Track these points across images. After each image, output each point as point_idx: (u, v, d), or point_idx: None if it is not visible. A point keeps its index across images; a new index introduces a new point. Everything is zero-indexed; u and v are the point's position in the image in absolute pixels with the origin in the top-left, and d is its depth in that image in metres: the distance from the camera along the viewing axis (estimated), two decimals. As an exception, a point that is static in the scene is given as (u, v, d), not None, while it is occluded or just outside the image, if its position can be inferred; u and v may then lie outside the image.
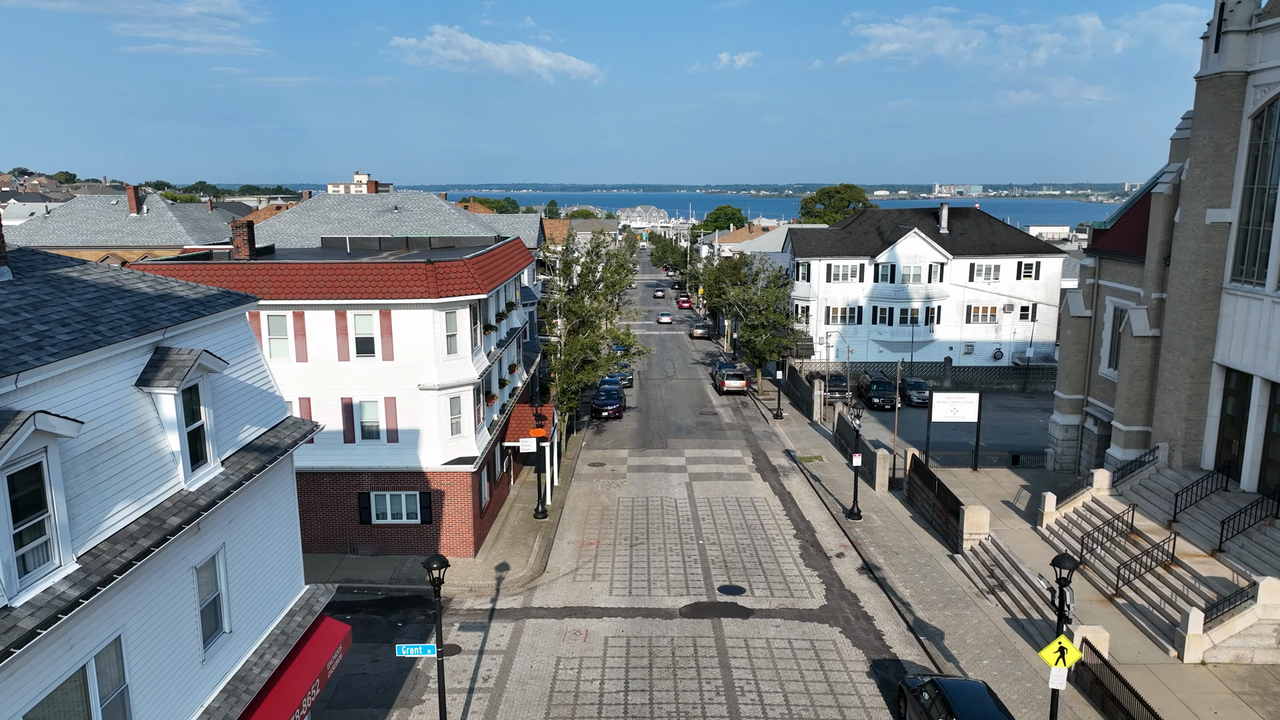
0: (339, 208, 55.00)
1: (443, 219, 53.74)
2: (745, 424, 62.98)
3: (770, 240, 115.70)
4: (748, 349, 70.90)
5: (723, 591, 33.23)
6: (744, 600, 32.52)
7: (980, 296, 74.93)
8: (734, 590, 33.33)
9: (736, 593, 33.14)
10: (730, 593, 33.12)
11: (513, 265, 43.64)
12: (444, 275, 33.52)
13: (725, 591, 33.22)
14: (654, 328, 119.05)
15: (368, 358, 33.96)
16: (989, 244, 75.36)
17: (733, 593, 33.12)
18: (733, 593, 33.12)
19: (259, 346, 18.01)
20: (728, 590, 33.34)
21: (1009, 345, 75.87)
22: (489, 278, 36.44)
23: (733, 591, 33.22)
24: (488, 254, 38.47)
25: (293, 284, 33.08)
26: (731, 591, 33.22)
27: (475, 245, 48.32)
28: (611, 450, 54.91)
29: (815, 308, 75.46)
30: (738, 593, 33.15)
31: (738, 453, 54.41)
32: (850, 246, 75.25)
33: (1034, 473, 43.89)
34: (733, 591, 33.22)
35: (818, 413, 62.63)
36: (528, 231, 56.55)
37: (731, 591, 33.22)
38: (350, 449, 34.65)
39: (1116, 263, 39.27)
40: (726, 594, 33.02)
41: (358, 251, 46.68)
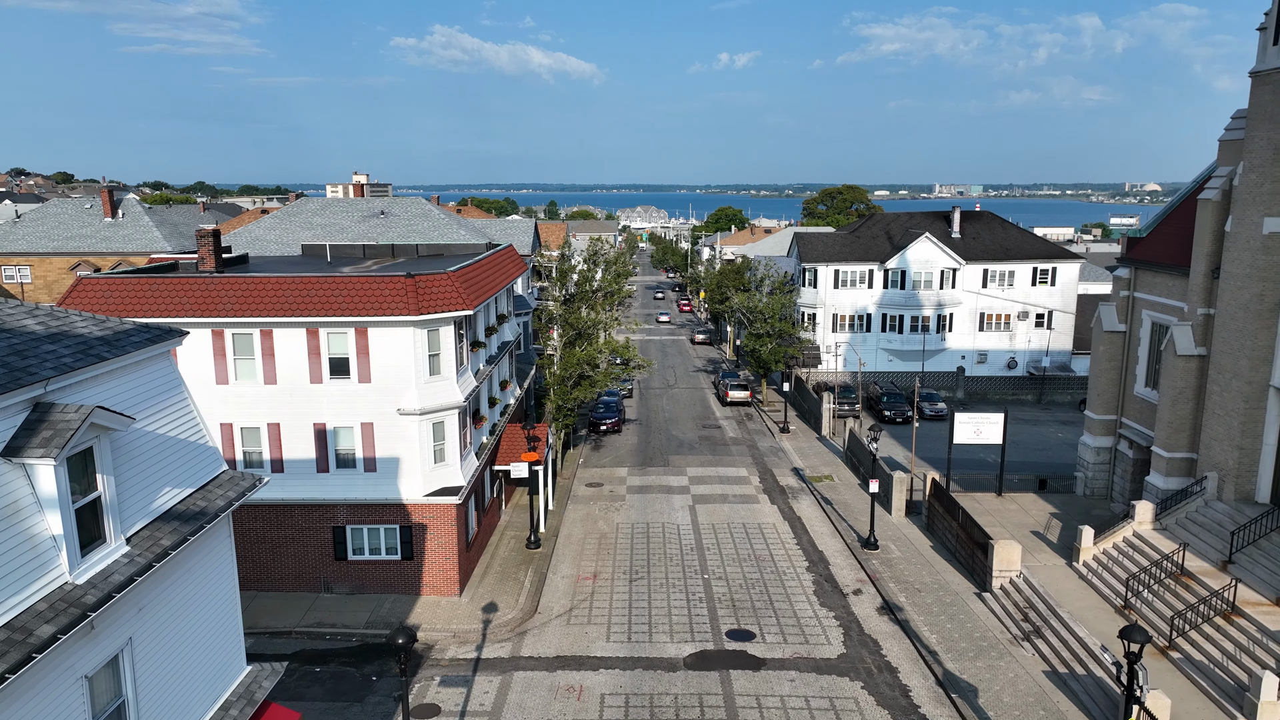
0: (322, 213, 52.10)
1: (431, 224, 50.84)
2: (750, 438, 60.07)
3: (774, 243, 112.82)
4: (752, 358, 68.00)
5: (731, 637, 30.31)
6: (754, 648, 29.59)
7: (994, 303, 72.05)
8: (743, 635, 30.40)
9: (746, 638, 30.22)
10: (739, 638, 30.20)
11: (504, 275, 40.74)
12: (425, 290, 30.60)
13: (734, 637, 30.29)
14: (654, 332, 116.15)
15: (342, 380, 31.06)
16: (1002, 249, 72.46)
17: (742, 638, 30.20)
18: (742, 638, 30.20)
19: (185, 390, 15.09)
20: (736, 635, 30.42)
21: (1023, 354, 72.97)
22: (476, 291, 33.53)
23: (742, 637, 30.29)
24: (475, 265, 35.55)
25: (260, 299, 30.17)
26: (741, 637, 30.29)
27: (465, 253, 45.47)
28: (610, 469, 51.98)
29: (822, 315, 72.56)
30: (747, 638, 30.22)
31: (743, 471, 51.48)
32: (858, 252, 72.35)
33: (1063, 498, 40.95)
34: (742, 637, 30.29)
35: (826, 427, 59.70)
36: (521, 237, 53.70)
37: (741, 637, 30.29)
38: (324, 479, 31.73)
39: (1155, 274, 36.36)
40: (735, 640, 30.10)
41: (340, 260, 43.81)
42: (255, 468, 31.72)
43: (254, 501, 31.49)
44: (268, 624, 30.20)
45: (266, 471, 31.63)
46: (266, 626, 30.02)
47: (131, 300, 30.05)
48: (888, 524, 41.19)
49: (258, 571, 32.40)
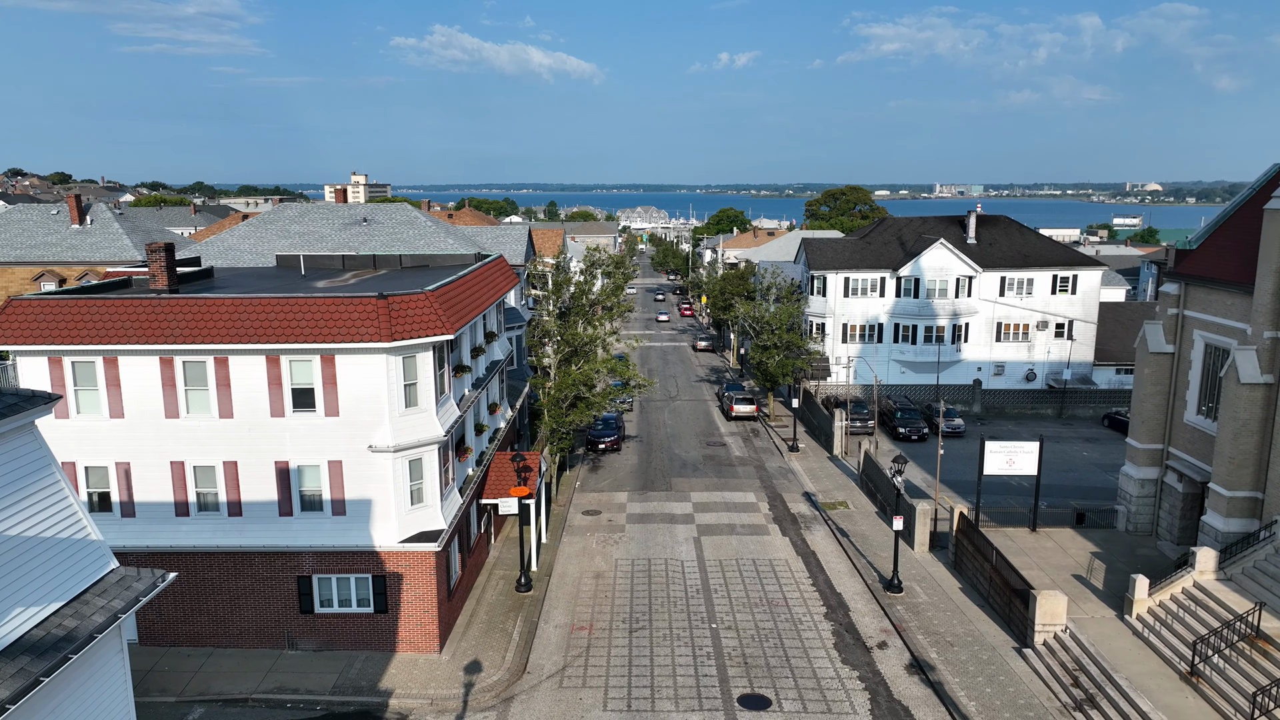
0: (301, 220, 48.70)
1: (417, 233, 47.44)
2: (758, 458, 56.68)
3: (778, 247, 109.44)
4: (758, 371, 64.62)
5: (744, 704, 26.91)
6: (771, 719, 26.20)
7: (1011, 313, 68.65)
8: (758, 702, 27.01)
9: (761, 706, 26.82)
10: (753, 705, 26.81)
11: (493, 291, 37.35)
12: (399, 312, 27.21)
13: (747, 704, 26.90)
14: (655, 338, 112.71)
15: (307, 412, 27.66)
16: (1021, 255, 69.08)
17: (756, 705, 26.81)
18: (756, 705, 26.81)
19: (55, 472, 11.68)
20: (750, 702, 27.02)
21: (1043, 366, 69.58)
22: (459, 312, 30.13)
23: (756, 704, 26.89)
24: (458, 282, 32.13)
25: (213, 323, 26.78)
26: (755, 704, 26.89)
27: (452, 264, 42.07)
28: (609, 493, 48.59)
29: (831, 325, 69.16)
30: (762, 706, 26.83)
31: (751, 497, 48.08)
32: (870, 258, 68.96)
33: (1103, 535, 37.52)
34: (756, 704, 26.89)
35: (838, 446, 56.30)
36: (514, 246, 50.32)
37: (755, 704, 26.89)
38: (287, 523, 28.34)
39: (1209, 291, 32.97)
40: (749, 708, 26.70)
41: (316, 272, 40.41)
42: (210, 510, 28.32)
43: (209, 548, 28.17)
44: (221, 689, 26.81)
45: (223, 514, 28.25)
46: (220, 693, 26.62)
47: (67, 324, 26.67)
48: (910, 560, 37.79)
49: (213, 626, 29.01)
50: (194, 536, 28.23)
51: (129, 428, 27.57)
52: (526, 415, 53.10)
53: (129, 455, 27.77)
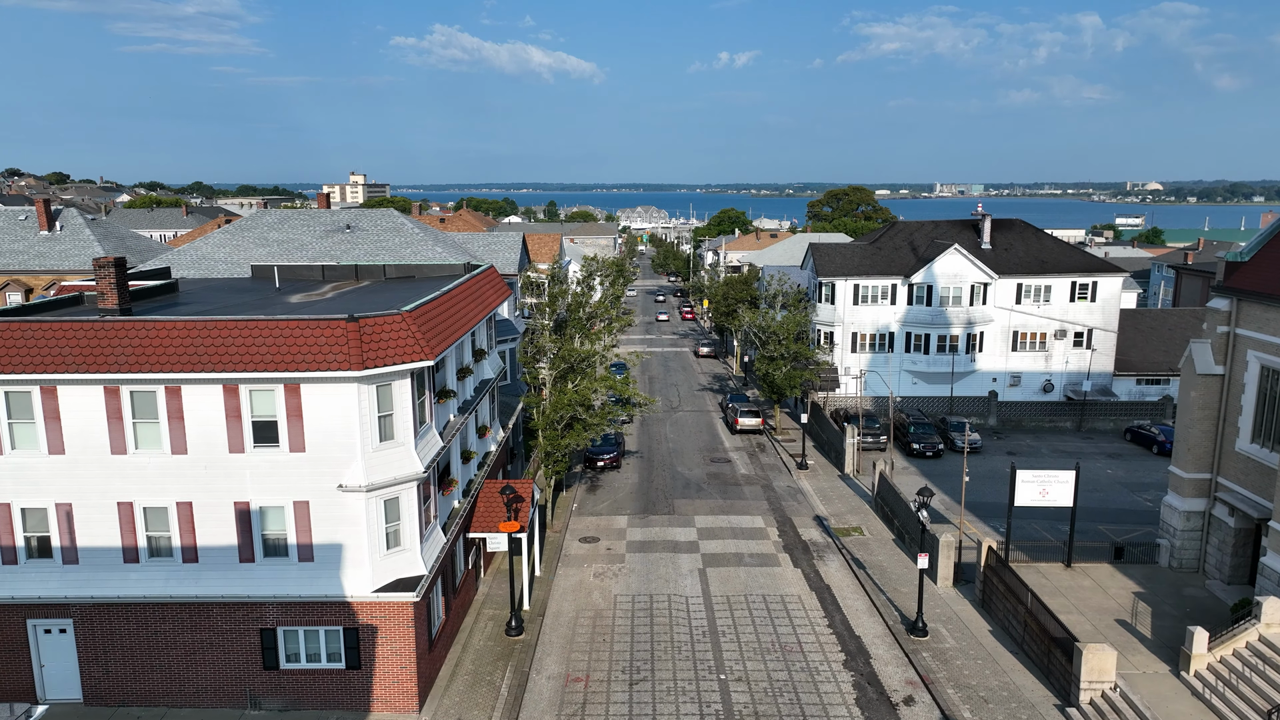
0: (280, 227, 45.82)
1: (403, 240, 44.56)
2: (765, 475, 53.79)
3: (782, 251, 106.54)
4: (765, 383, 61.72)
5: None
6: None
7: (1028, 321, 65.74)
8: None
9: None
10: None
11: (482, 305, 34.48)
12: (373, 337, 24.31)
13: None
14: (656, 343, 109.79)
15: (270, 448, 24.77)
16: (1038, 261, 66.17)
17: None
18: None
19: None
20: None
21: (1060, 376, 66.65)
22: (441, 333, 27.24)
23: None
24: (441, 299, 29.22)
25: (165, 349, 23.88)
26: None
27: (440, 276, 39.23)
28: (608, 517, 45.71)
29: (840, 334, 66.26)
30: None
31: (759, 521, 45.20)
32: (880, 265, 66.05)
33: (1145, 572, 34.56)
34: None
35: (850, 464, 53.40)
36: (507, 254, 47.41)
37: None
38: (249, 570, 25.45)
39: (1266, 308, 30.09)
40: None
41: (292, 284, 37.56)
42: (162, 556, 25.42)
43: (161, 598, 25.29)
44: (172, 760, 23.94)
45: (177, 560, 25.37)
46: (170, 765, 23.76)
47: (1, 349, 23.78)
48: (933, 596, 34.90)
49: (169, 684, 26.11)
50: (145, 585, 25.35)
51: (71, 465, 24.69)
52: (520, 432, 50.24)
53: (71, 496, 24.88)
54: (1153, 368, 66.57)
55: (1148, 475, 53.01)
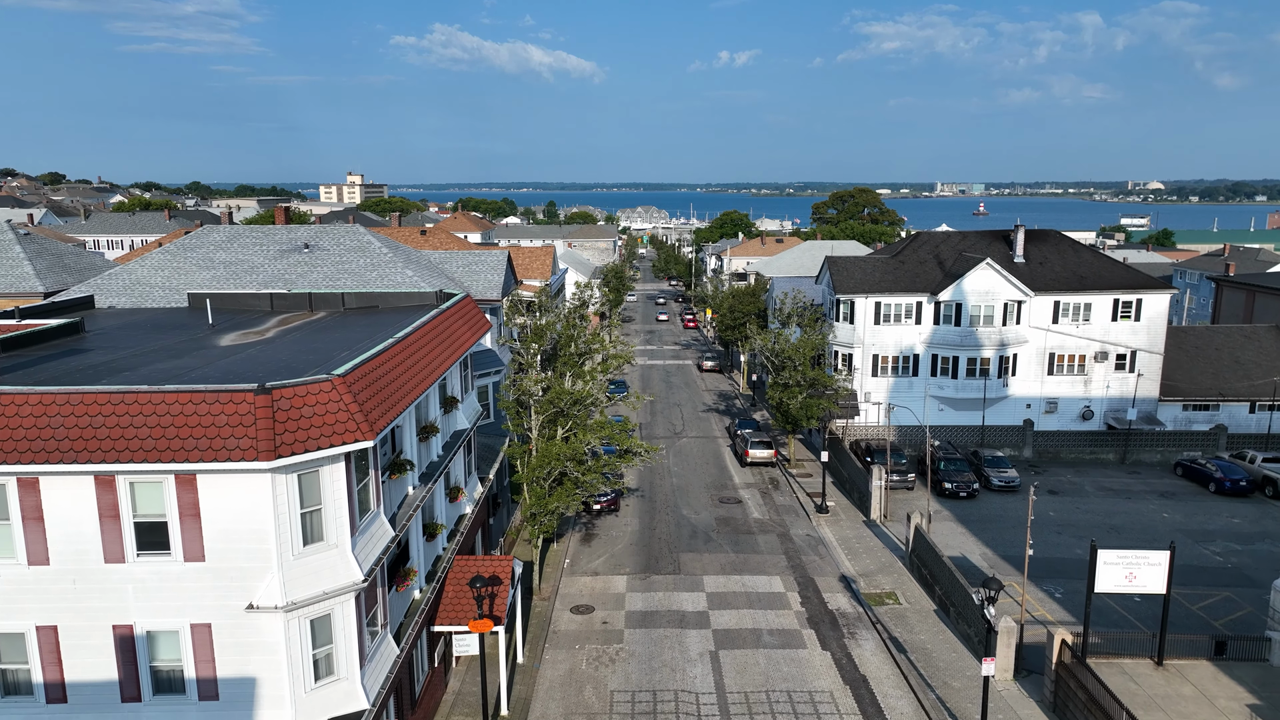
0: (230, 245, 40.03)
1: (369, 262, 38.78)
2: (780, 521, 48.03)
3: (791, 260, 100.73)
4: (778, 413, 55.94)
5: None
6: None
7: (1066, 342, 59.95)
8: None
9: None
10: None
11: (452, 348, 28.71)
12: (292, 414, 18.53)
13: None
14: (657, 354, 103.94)
15: (158, 556, 19.00)
16: (1076, 276, 60.38)
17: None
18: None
19: None
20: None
21: (1101, 402, 60.89)
22: (390, 399, 21.44)
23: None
24: (392, 351, 23.37)
25: (16, 430, 18.11)
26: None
27: (407, 305, 33.50)
28: (605, 577, 39.95)
29: (860, 356, 60.47)
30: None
31: (777, 583, 39.44)
32: (904, 280, 60.24)
33: (1256, 673, 28.59)
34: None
35: (876, 508, 47.61)
36: (489, 275, 41.59)
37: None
38: (135, 713, 19.67)
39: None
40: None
41: (230, 319, 31.82)
42: (20, 695, 19.65)
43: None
44: None
45: (39, 700, 19.58)
46: None
47: None
48: (992, 693, 29.09)
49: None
50: (0, 731, 19.58)
51: (-102, 579, 18.92)
52: (507, 474, 44.49)
53: (-101, 618, 19.11)
54: (1200, 392, 60.84)
55: (1209, 520, 47.32)
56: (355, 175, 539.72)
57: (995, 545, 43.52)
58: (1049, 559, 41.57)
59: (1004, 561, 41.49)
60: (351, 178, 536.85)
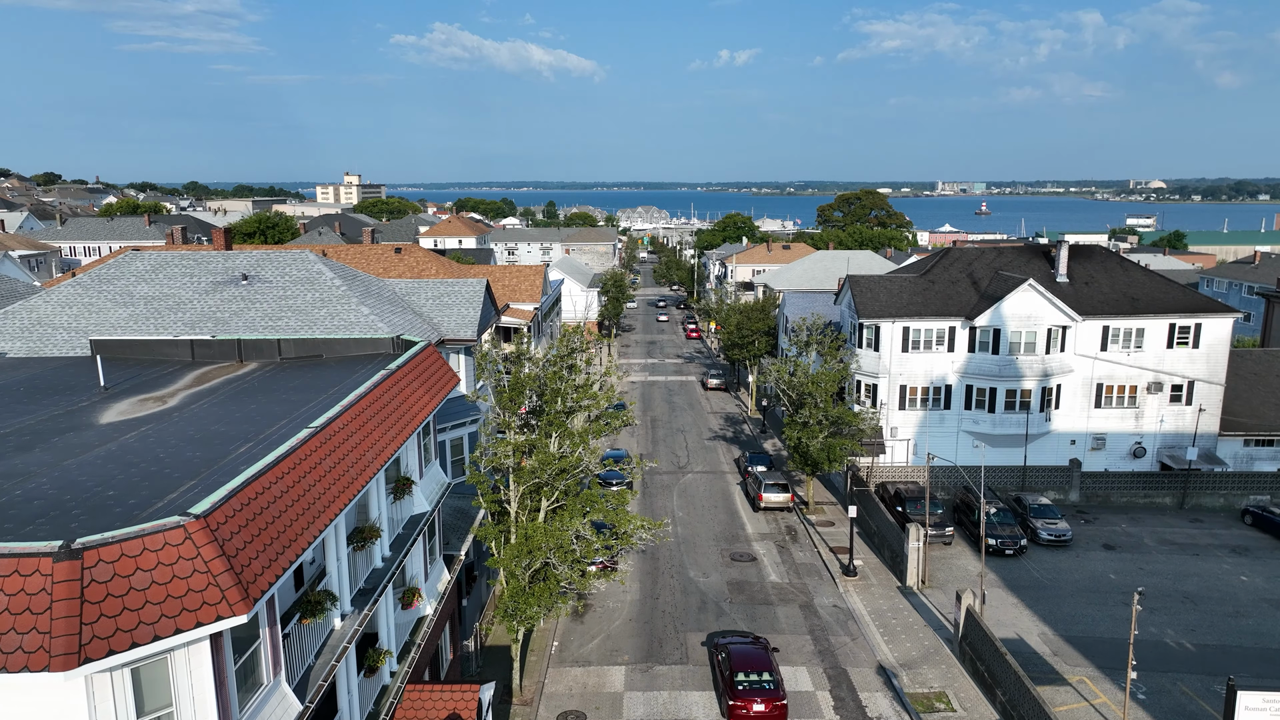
0: (155, 276, 33.80)
1: (318, 297, 32.54)
2: (802, 585, 41.84)
3: (802, 272, 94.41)
4: (796, 454, 49.71)
5: None
6: None
7: (1115, 371, 53.71)
8: None
9: None
10: None
11: (405, 423, 22.49)
12: (115, 589, 12.27)
13: None
14: (659, 369, 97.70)
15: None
16: (1126, 298, 54.13)
17: None
18: None
19: None
20: None
21: (1153, 438, 54.64)
22: (287, 537, 15.15)
23: None
24: (303, 451, 17.04)
25: None
26: None
27: (356, 356, 27.32)
28: (598, 668, 33.71)
29: (886, 387, 54.21)
30: None
31: (804, 677, 33.21)
32: (935, 303, 53.98)
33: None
34: None
35: (913, 573, 41.36)
36: (463, 310, 35.30)
37: None
38: None
39: None
40: None
41: (136, 374, 25.68)
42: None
43: None
44: None
45: None
46: None
47: None
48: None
49: None
50: None
51: None
52: (482, 550, 38.15)
53: None
54: (1264, 426, 54.55)
55: (1291, 579, 41.18)
56: (352, 176, 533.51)
57: (1055, 621, 37.33)
58: (1118, 640, 35.36)
59: (1068, 646, 35.30)
60: (348, 178, 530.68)
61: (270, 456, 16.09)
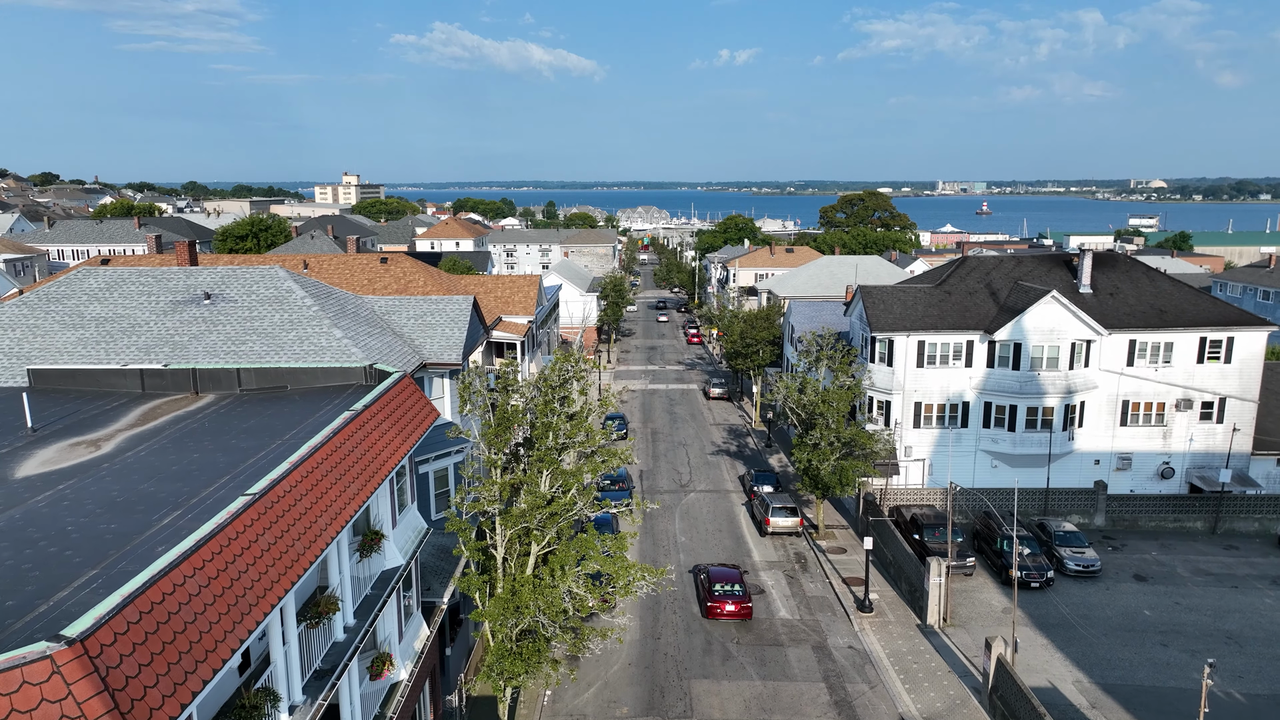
0: (106, 296, 30.89)
1: (287, 318, 29.62)
2: (814, 622, 38.93)
3: (808, 278, 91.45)
4: (806, 477, 46.84)
5: None
6: None
7: (1142, 388, 50.81)
8: None
9: None
10: None
11: (373, 472, 19.60)
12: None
13: None
14: (660, 376, 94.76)
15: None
16: (1154, 310, 51.21)
17: None
18: None
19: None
20: None
21: (1182, 458, 51.72)
22: (198, 650, 12.23)
23: None
24: (223, 536, 14.09)
25: None
26: None
27: (324, 387, 24.46)
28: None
29: (900, 404, 51.29)
30: None
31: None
32: (952, 315, 51.05)
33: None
34: None
35: (935, 611, 38.44)
36: (447, 331, 32.39)
37: None
38: None
39: None
40: None
41: (76, 408, 22.88)
42: None
43: None
44: None
45: None
46: None
47: None
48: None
49: None
50: None
51: None
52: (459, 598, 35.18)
53: None
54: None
55: (1343, 619, 38.25)
56: (351, 176, 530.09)
57: (1089, 666, 34.43)
58: (1162, 690, 32.59)
59: (1107, 696, 32.40)
60: (347, 178, 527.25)
61: (189, 541, 13.19)
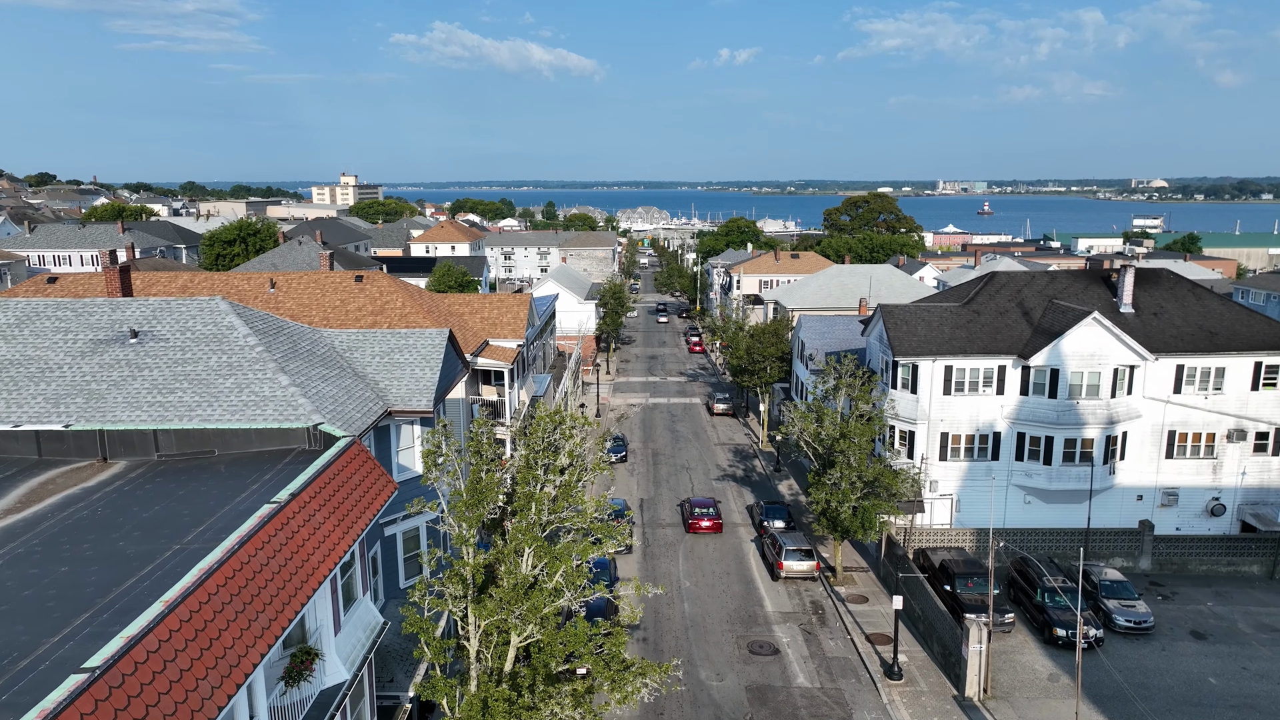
0: (15, 334, 26.41)
1: (225, 361, 25.15)
2: (837, 693, 34.50)
3: (818, 289, 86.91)
4: (824, 519, 42.44)
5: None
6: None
7: (1190, 417, 46.41)
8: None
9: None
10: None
11: (295, 591, 15.17)
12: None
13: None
14: (660, 388, 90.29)
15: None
16: (1203, 331, 46.79)
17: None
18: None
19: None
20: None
21: (1234, 493, 47.32)
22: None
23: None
24: None
25: None
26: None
27: (260, 452, 20.06)
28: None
29: (924, 435, 46.87)
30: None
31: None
32: (981, 338, 46.60)
33: None
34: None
35: (974, 682, 33.98)
36: (416, 372, 27.93)
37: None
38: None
39: None
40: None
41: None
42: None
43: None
44: None
45: None
46: None
47: None
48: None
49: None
50: None
51: None
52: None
53: None
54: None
55: None
56: (349, 176, 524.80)
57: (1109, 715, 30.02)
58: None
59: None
60: (345, 178, 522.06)
61: None
